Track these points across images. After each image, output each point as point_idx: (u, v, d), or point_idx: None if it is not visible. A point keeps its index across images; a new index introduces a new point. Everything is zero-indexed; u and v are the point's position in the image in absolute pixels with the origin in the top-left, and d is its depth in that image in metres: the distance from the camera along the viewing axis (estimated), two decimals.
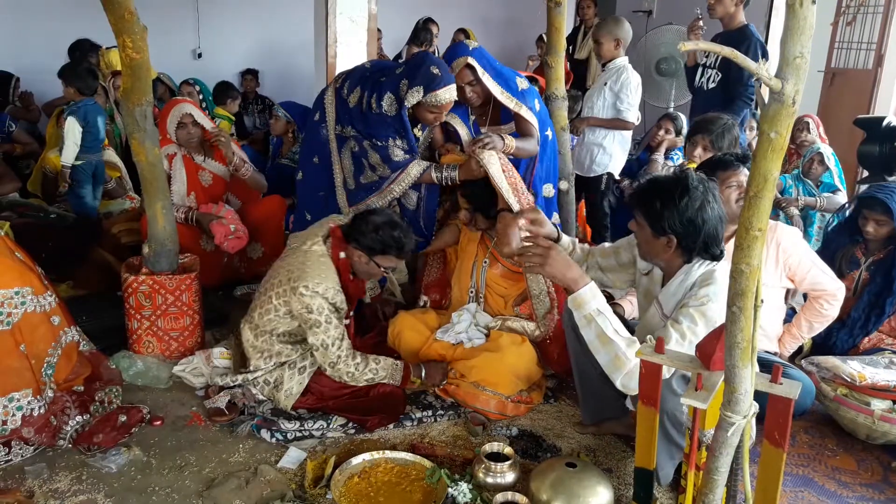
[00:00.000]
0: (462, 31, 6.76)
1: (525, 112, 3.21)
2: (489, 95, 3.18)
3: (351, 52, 4.49)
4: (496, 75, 3.17)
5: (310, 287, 2.53)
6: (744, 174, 2.68)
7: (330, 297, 2.57)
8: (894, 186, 3.21)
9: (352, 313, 2.86)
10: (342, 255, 2.65)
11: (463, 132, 3.31)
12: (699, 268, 2.17)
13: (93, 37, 5.48)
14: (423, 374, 2.77)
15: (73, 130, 4.10)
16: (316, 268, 2.59)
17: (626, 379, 2.10)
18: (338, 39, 4.46)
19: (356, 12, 4.47)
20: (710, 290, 2.09)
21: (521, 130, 3.24)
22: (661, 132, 4.87)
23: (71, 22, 6.34)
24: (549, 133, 3.38)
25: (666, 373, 2.10)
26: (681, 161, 4.66)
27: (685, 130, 4.80)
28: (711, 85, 4.42)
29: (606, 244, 2.74)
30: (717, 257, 2.17)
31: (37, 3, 6.42)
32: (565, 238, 2.69)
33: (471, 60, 3.12)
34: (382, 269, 2.71)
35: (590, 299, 2.16)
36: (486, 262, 3.07)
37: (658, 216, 2.13)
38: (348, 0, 4.41)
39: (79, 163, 4.28)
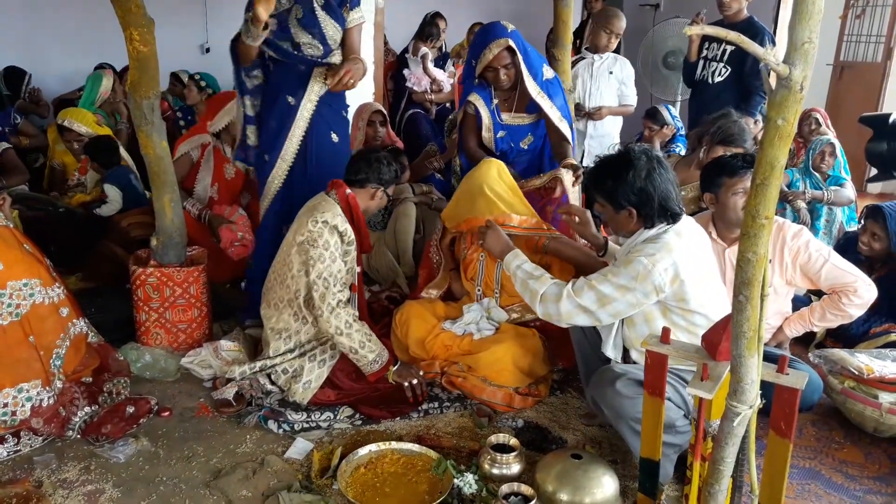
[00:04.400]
0: (479, 24, 6.74)
1: (544, 102, 3.20)
2: (518, 81, 3.17)
3: None
4: (527, 61, 3.16)
5: (318, 219, 2.63)
6: (750, 179, 2.64)
7: (338, 224, 2.66)
8: None
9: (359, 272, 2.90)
10: (347, 192, 2.75)
11: (485, 116, 3.30)
12: (652, 230, 2.27)
13: (100, 30, 5.49)
14: (396, 367, 2.72)
15: (114, 197, 4.21)
16: (320, 206, 2.70)
17: (542, 307, 2.36)
18: None
19: (363, 6, 4.44)
20: (649, 247, 2.21)
21: (547, 123, 3.27)
22: (646, 131, 4.91)
23: (80, 16, 6.36)
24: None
25: (611, 383, 2.21)
26: (682, 151, 4.67)
27: (670, 118, 4.82)
28: (718, 78, 4.42)
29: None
30: (676, 217, 2.26)
31: None
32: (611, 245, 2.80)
33: (512, 43, 3.10)
34: (388, 198, 2.89)
35: (512, 261, 2.54)
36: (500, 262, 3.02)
37: (613, 193, 2.26)
38: None
39: None
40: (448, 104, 5.59)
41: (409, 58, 5.53)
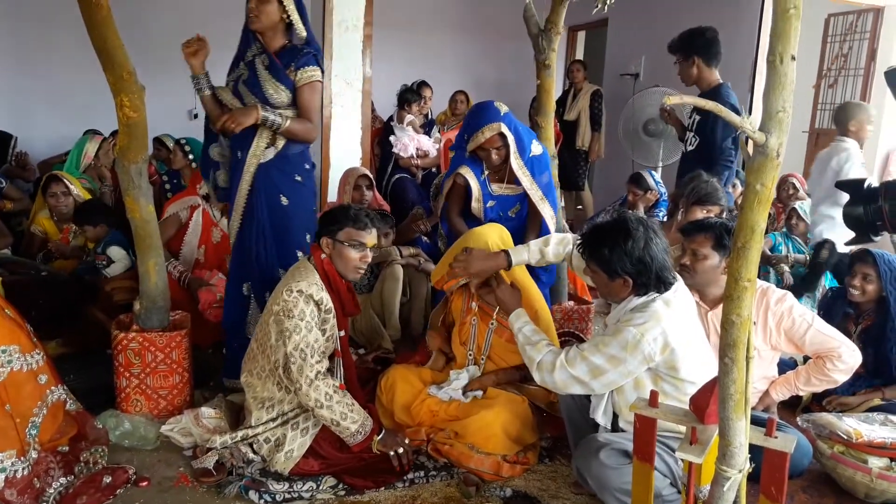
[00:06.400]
0: (462, 92, 6.92)
1: (526, 180, 3.28)
2: (508, 157, 3.28)
3: (345, 113, 4.58)
4: (518, 141, 3.26)
5: (292, 288, 2.57)
6: (697, 241, 2.75)
7: (314, 293, 2.59)
8: (890, 255, 3.23)
9: (343, 333, 2.82)
10: (323, 256, 2.69)
11: (475, 188, 3.38)
12: (642, 298, 2.27)
13: (91, 96, 5.56)
14: (380, 436, 2.64)
15: (122, 258, 4.17)
16: (296, 274, 2.66)
17: (539, 375, 2.35)
18: (333, 101, 4.55)
19: (351, 75, 4.57)
20: (637, 317, 2.21)
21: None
22: (631, 196, 5.00)
23: (69, 81, 6.47)
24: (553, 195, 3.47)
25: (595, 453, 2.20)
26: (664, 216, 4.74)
27: (653, 184, 4.90)
28: (690, 148, 4.53)
29: None
30: (669, 286, 2.27)
31: (36, 62, 6.56)
32: (524, 254, 2.81)
33: (504, 129, 3.21)
34: (350, 247, 2.67)
35: (515, 321, 2.55)
36: (493, 324, 2.98)
37: (609, 262, 2.25)
38: (343, 63, 4.53)
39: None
40: (434, 169, 5.68)
41: (395, 125, 5.65)
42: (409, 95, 5.90)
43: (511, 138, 3.23)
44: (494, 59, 8.72)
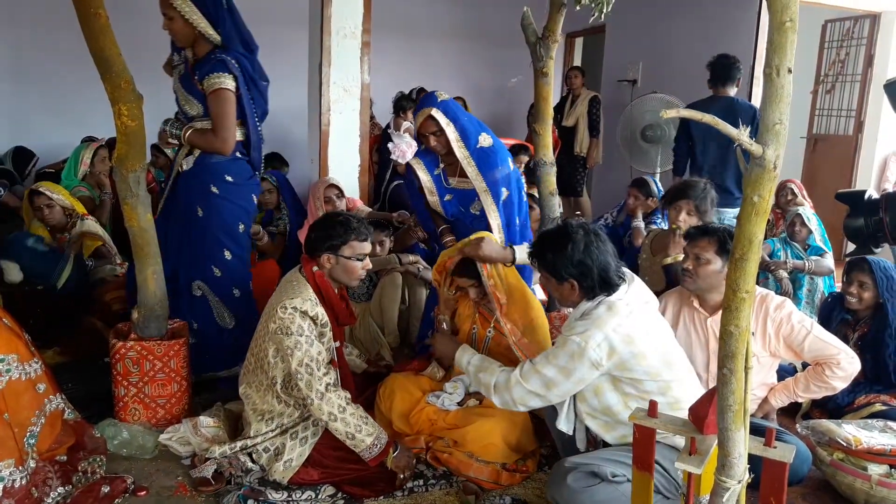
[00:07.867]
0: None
1: (471, 169, 3.26)
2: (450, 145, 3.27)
3: (344, 120, 4.59)
4: (460, 129, 3.24)
5: (286, 305, 2.53)
6: (699, 246, 2.79)
7: (308, 309, 2.56)
8: (886, 262, 3.25)
9: (339, 345, 2.81)
10: (315, 269, 2.67)
11: (425, 179, 3.36)
12: (588, 304, 2.33)
13: (89, 104, 5.56)
14: (396, 453, 2.61)
15: (15, 272, 4.02)
16: (289, 289, 2.62)
17: (498, 397, 2.40)
18: (331, 108, 4.57)
19: (349, 82, 4.59)
20: (579, 325, 2.26)
21: None
22: (631, 200, 4.97)
23: (67, 89, 6.47)
24: (504, 191, 3.36)
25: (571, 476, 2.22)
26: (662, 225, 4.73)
27: (656, 191, 4.89)
28: None
29: None
30: (614, 286, 2.32)
31: (33, 70, 6.56)
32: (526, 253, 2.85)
33: (434, 112, 3.21)
34: (356, 260, 2.68)
35: (461, 358, 2.63)
36: (490, 331, 3.00)
37: (553, 266, 2.34)
38: (341, 70, 4.54)
39: None
40: None
41: (391, 133, 5.67)
42: (405, 102, 5.94)
43: (446, 123, 3.21)
44: (492, 67, 8.74)
